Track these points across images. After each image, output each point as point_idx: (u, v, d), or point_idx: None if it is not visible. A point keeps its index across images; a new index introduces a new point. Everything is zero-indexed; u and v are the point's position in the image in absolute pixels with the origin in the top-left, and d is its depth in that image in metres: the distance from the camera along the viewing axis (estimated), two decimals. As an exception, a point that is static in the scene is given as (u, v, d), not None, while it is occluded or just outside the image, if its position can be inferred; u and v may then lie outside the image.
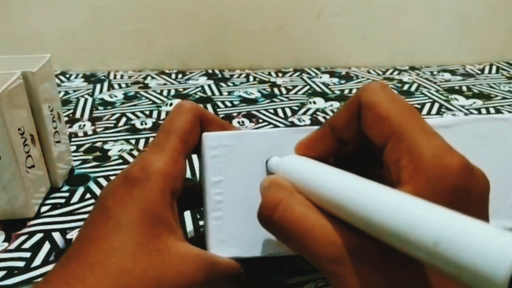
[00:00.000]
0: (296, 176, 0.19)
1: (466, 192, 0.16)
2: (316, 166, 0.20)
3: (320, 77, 0.66)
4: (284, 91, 0.60)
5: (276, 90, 0.60)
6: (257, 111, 0.54)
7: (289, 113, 0.53)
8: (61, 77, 0.65)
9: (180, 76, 0.66)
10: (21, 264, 0.30)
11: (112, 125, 0.50)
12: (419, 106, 0.55)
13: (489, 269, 0.10)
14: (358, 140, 0.20)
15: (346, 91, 0.61)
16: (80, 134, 0.48)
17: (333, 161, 0.22)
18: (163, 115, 0.53)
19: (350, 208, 0.16)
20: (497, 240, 0.11)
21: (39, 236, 0.32)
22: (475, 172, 0.16)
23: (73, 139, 0.46)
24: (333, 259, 0.16)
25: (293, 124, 0.50)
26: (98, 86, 0.62)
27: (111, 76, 0.66)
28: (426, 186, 0.16)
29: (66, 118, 0.51)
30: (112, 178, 0.39)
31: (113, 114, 0.52)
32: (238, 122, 0.51)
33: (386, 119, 0.18)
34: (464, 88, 0.61)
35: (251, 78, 0.65)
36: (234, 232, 0.22)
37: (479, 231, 0.11)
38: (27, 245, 0.31)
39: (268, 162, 0.23)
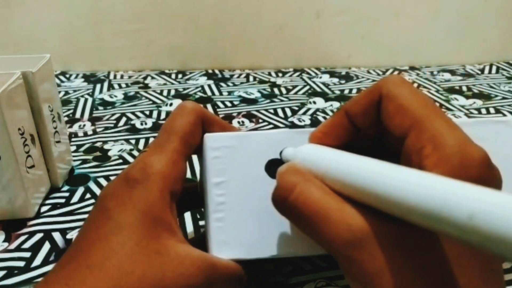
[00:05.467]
0: (314, 163, 0.19)
1: (487, 183, 0.16)
2: (334, 151, 0.19)
3: (320, 77, 0.66)
4: (284, 91, 0.60)
5: (276, 90, 0.60)
6: (257, 111, 0.54)
7: (289, 113, 0.53)
8: (61, 77, 0.65)
9: (180, 76, 0.66)
10: (21, 264, 0.30)
11: (112, 125, 0.50)
12: (419, 106, 0.55)
13: None
14: (371, 130, 0.20)
15: (346, 91, 0.61)
16: (80, 134, 0.48)
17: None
18: (163, 115, 0.53)
19: (376, 190, 0.15)
20: None
21: (39, 236, 0.32)
22: (494, 166, 0.17)
23: (73, 139, 0.46)
24: (350, 243, 0.16)
25: (293, 124, 0.50)
26: (98, 86, 0.62)
27: (111, 76, 0.66)
28: (450, 174, 0.16)
29: (66, 118, 0.51)
30: (112, 178, 0.39)
31: (113, 114, 0.52)
32: (238, 122, 0.51)
33: (408, 110, 0.18)
34: (464, 88, 0.61)
35: (251, 78, 0.65)
36: (236, 234, 0.22)
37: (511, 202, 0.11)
38: (27, 245, 0.31)
39: (283, 152, 0.22)
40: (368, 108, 0.20)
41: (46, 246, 0.31)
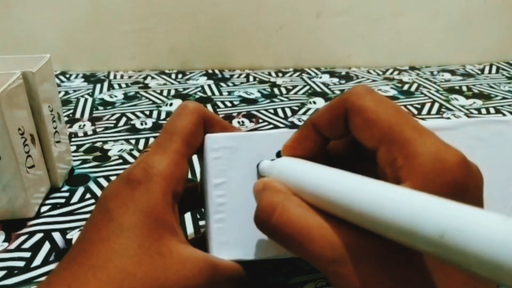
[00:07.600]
0: (290, 178, 0.19)
1: (464, 187, 0.16)
2: (309, 166, 0.19)
3: (320, 77, 0.66)
4: (284, 91, 0.60)
5: (276, 90, 0.60)
6: (257, 111, 0.54)
7: (289, 113, 0.53)
8: (61, 77, 0.65)
9: (180, 76, 0.66)
10: (21, 264, 0.30)
11: (112, 125, 0.50)
12: (419, 106, 0.55)
13: (497, 255, 0.10)
14: (343, 138, 0.20)
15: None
16: (80, 134, 0.47)
17: (323, 160, 0.22)
18: (163, 115, 0.52)
19: (350, 205, 0.15)
20: (502, 226, 0.11)
21: (39, 236, 0.32)
22: (472, 167, 0.16)
23: (73, 139, 0.46)
24: (333, 260, 0.16)
25: (293, 124, 0.50)
26: (98, 86, 0.62)
27: (111, 76, 0.65)
28: (424, 182, 0.16)
29: (66, 118, 0.51)
30: (112, 178, 0.39)
31: (113, 114, 0.52)
32: (238, 122, 0.51)
33: (376, 123, 0.18)
34: (464, 88, 0.61)
35: (251, 78, 0.65)
36: (236, 235, 0.22)
37: (483, 219, 0.11)
38: (27, 245, 0.31)
39: (260, 165, 0.22)
40: (334, 121, 0.19)
41: (46, 246, 0.31)
